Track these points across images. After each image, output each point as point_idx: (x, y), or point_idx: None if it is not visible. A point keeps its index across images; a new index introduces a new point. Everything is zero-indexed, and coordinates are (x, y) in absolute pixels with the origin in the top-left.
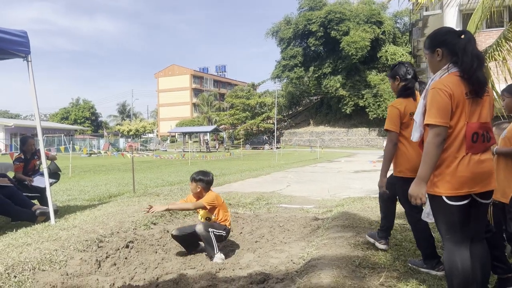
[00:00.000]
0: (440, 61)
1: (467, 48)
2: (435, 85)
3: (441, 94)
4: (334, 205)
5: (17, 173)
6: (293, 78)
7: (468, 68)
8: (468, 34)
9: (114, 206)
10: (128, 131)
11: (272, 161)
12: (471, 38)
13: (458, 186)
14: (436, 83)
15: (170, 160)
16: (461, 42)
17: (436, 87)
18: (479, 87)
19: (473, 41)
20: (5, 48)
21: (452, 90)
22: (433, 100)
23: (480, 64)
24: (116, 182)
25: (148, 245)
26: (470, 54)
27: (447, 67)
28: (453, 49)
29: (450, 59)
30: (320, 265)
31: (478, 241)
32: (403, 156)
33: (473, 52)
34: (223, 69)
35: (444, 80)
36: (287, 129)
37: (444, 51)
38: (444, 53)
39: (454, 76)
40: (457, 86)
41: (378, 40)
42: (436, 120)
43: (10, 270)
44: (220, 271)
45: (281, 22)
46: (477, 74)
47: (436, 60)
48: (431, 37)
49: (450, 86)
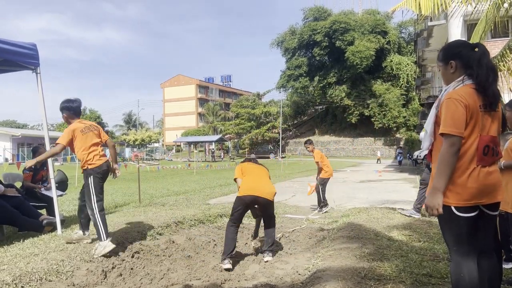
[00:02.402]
0: (453, 73)
1: (481, 61)
2: (450, 95)
3: (457, 104)
4: (339, 216)
5: (26, 181)
6: (298, 88)
7: (484, 81)
8: (482, 47)
9: (120, 216)
10: (134, 140)
11: (277, 171)
12: (485, 51)
13: (468, 197)
14: (451, 94)
15: (175, 169)
16: (475, 55)
17: (452, 97)
18: (494, 100)
19: (487, 54)
20: (14, 61)
21: (468, 102)
22: (448, 109)
23: (495, 77)
24: (122, 192)
25: (154, 255)
26: (485, 67)
27: (461, 79)
28: (466, 61)
29: (464, 71)
30: (325, 277)
31: (486, 254)
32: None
33: (488, 65)
34: (228, 79)
35: (460, 91)
36: (292, 138)
37: (457, 64)
38: (458, 65)
39: (469, 88)
40: (472, 98)
41: (383, 50)
42: (451, 129)
43: (18, 281)
44: (225, 282)
45: (286, 32)
46: (492, 87)
47: (449, 72)
48: (444, 49)
49: (466, 97)
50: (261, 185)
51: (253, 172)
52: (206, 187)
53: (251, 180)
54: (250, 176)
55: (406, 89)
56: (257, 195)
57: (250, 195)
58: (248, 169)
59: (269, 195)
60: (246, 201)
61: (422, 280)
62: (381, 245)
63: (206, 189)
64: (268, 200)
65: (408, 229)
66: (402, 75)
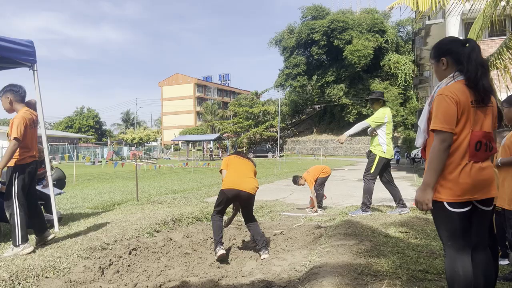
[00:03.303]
0: (445, 69)
1: (471, 57)
2: (442, 91)
3: (447, 101)
4: (337, 213)
5: None
6: (296, 87)
7: (473, 77)
8: (472, 42)
9: (118, 214)
10: (132, 139)
11: (275, 170)
12: (475, 46)
13: (460, 193)
14: (442, 90)
15: (173, 168)
16: (465, 51)
17: (443, 94)
18: (485, 95)
19: (477, 50)
20: (11, 58)
21: (459, 97)
22: (439, 106)
23: (485, 72)
24: (120, 190)
25: (151, 252)
26: (475, 62)
27: (452, 75)
28: (457, 57)
29: (455, 67)
30: (322, 273)
31: (481, 249)
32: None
33: (477, 61)
34: (226, 77)
35: (451, 87)
36: (290, 137)
37: (448, 60)
38: (449, 62)
39: (460, 84)
40: (463, 94)
41: (381, 49)
42: (442, 126)
43: (14, 277)
44: (222, 279)
45: (284, 31)
46: (482, 82)
47: (441, 69)
48: (436, 46)
49: (456, 93)
50: (244, 179)
51: (238, 166)
52: (204, 185)
53: (234, 174)
54: (234, 170)
55: (404, 88)
56: (239, 189)
57: (232, 189)
58: (234, 162)
59: (251, 189)
60: (228, 195)
61: (418, 276)
62: (377, 242)
63: (204, 187)
64: (250, 194)
65: (405, 226)
66: (400, 74)
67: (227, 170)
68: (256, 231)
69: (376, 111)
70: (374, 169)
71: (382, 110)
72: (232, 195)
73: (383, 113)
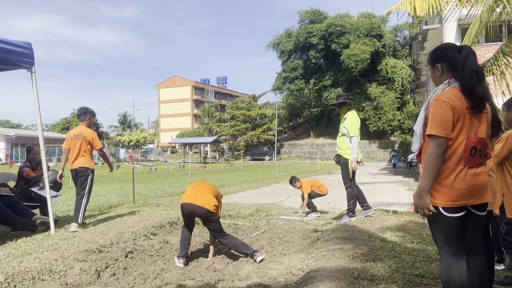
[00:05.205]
0: (440, 75)
1: (466, 63)
2: (438, 97)
3: (443, 106)
4: (334, 217)
5: (30, 176)
6: (293, 90)
7: (468, 83)
8: (468, 49)
9: (114, 217)
10: (128, 141)
11: (272, 173)
12: (470, 53)
13: (455, 198)
14: (439, 95)
15: (169, 170)
16: (460, 57)
17: (439, 99)
18: (480, 102)
19: (472, 56)
20: (9, 59)
21: (455, 103)
22: (435, 111)
23: (479, 78)
24: (116, 193)
25: (148, 255)
26: (469, 69)
27: (448, 82)
28: (452, 64)
29: (451, 74)
30: (319, 277)
31: (475, 253)
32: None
33: (472, 67)
34: (224, 80)
35: (447, 93)
36: (288, 140)
37: (443, 66)
38: (444, 68)
39: (456, 90)
40: (459, 100)
41: (378, 53)
42: (438, 131)
43: (10, 279)
44: (219, 282)
45: (282, 34)
46: (477, 88)
47: (437, 75)
48: (432, 53)
49: (453, 99)
50: (201, 195)
51: (199, 186)
52: None
53: (192, 191)
54: (192, 188)
55: (401, 92)
56: (194, 203)
57: (187, 203)
58: (197, 184)
59: (207, 204)
60: (184, 210)
61: (414, 280)
62: (374, 246)
63: None
64: (206, 210)
65: (401, 231)
66: (397, 78)
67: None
68: (234, 244)
69: (345, 115)
70: (351, 174)
71: (352, 114)
72: (188, 210)
73: (356, 117)
